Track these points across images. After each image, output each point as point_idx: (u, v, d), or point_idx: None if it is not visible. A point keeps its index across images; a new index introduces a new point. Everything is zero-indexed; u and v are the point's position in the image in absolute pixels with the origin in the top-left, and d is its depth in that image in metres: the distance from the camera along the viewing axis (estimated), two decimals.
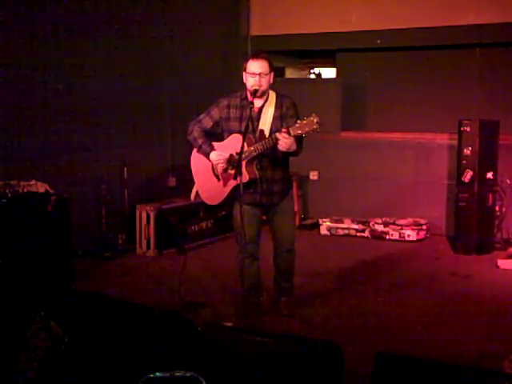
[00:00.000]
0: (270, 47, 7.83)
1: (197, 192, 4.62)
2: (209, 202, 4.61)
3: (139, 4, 6.81)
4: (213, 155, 4.41)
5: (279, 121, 4.34)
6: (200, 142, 4.47)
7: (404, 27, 7.44)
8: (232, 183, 4.34)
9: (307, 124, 4.06)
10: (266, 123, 4.34)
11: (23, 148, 5.68)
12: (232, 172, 4.31)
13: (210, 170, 4.48)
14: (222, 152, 4.39)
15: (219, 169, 4.42)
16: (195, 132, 4.49)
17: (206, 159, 4.48)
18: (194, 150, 4.58)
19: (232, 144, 4.34)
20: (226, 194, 4.43)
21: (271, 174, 4.41)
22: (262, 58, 4.35)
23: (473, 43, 7.34)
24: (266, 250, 4.71)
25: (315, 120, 4.04)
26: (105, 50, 6.37)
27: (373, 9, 7.64)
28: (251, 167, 4.30)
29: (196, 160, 4.59)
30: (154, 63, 6.97)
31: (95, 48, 6.29)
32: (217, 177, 4.46)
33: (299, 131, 4.08)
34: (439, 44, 7.45)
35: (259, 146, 4.22)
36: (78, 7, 6.12)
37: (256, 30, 8.32)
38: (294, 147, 4.18)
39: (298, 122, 4.10)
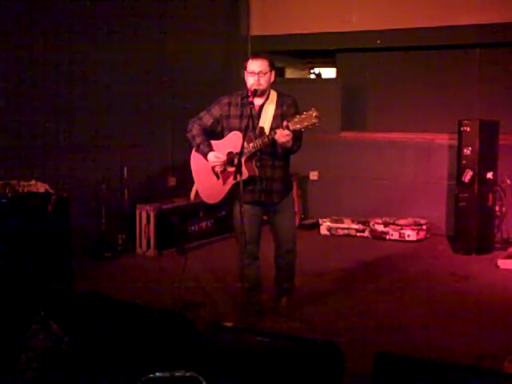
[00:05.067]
0: (270, 47, 7.83)
1: (196, 191, 4.62)
2: (208, 201, 4.60)
3: (139, 4, 6.81)
4: (210, 156, 4.40)
5: (280, 119, 4.34)
6: (198, 141, 4.47)
7: (404, 27, 7.44)
8: (231, 181, 4.34)
9: (306, 118, 4.05)
10: (266, 121, 4.34)
11: (23, 148, 5.68)
12: (231, 170, 4.32)
13: (209, 169, 4.48)
14: (220, 151, 4.39)
15: (217, 169, 4.42)
16: (194, 130, 4.49)
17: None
18: (194, 150, 4.58)
19: (231, 141, 4.34)
20: (225, 193, 4.43)
21: (271, 173, 4.41)
22: (261, 57, 4.36)
23: (473, 43, 7.34)
24: (266, 250, 4.71)
25: (314, 114, 4.03)
26: (105, 50, 6.37)
27: (373, 9, 7.63)
28: (250, 164, 4.29)
29: (195, 159, 4.59)
30: (154, 63, 6.97)
31: (95, 48, 6.28)
32: (216, 175, 4.46)
33: (298, 126, 4.07)
34: (439, 44, 7.44)
35: (258, 142, 4.22)
36: (78, 7, 6.13)
37: (256, 29, 8.32)
38: (291, 142, 4.17)
39: (297, 116, 4.09)
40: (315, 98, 7.46)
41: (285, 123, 4.13)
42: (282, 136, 4.10)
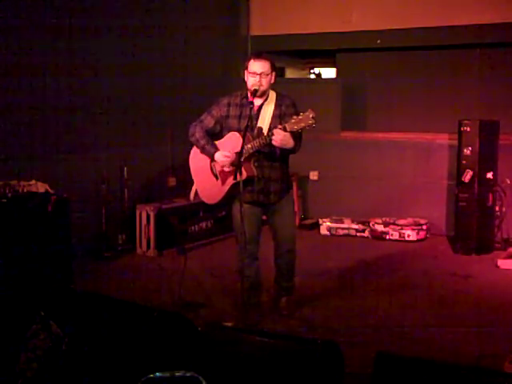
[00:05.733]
0: (270, 47, 7.83)
1: (196, 191, 4.62)
2: (208, 201, 4.61)
3: (139, 4, 6.81)
4: (218, 155, 4.39)
5: (278, 119, 4.35)
6: (203, 142, 4.47)
7: (404, 27, 7.44)
8: (230, 181, 4.35)
9: (303, 119, 4.07)
10: (264, 121, 4.35)
11: (23, 148, 5.68)
12: (230, 170, 4.33)
13: (208, 169, 4.48)
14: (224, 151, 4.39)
15: (219, 168, 4.42)
16: (197, 133, 4.49)
17: (204, 158, 4.48)
18: (192, 150, 4.58)
19: (230, 142, 4.35)
20: (224, 193, 4.44)
21: (269, 173, 4.41)
22: (263, 58, 4.36)
23: (473, 43, 7.34)
24: (266, 250, 4.70)
25: (311, 115, 4.05)
26: (105, 50, 6.37)
27: (373, 9, 7.64)
28: (249, 165, 4.29)
29: (194, 160, 4.60)
30: (154, 63, 6.96)
31: (95, 48, 6.28)
32: (215, 175, 4.46)
33: (295, 127, 4.09)
34: (439, 44, 7.44)
35: (256, 143, 4.23)
36: (78, 8, 6.13)
37: (256, 30, 8.32)
38: (290, 143, 4.18)
39: (294, 117, 4.12)
40: (315, 97, 7.48)
41: (281, 125, 4.14)
42: (278, 138, 4.11)
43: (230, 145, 4.34)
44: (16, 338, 2.69)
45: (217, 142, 4.48)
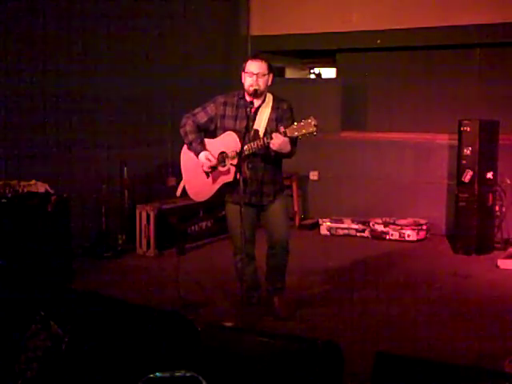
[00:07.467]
0: (270, 47, 7.83)
1: (183, 188, 4.60)
2: (195, 198, 4.60)
3: (139, 4, 6.81)
4: (201, 156, 4.39)
5: (275, 122, 4.35)
6: (191, 138, 4.45)
7: (404, 27, 7.44)
8: (221, 180, 4.35)
9: (304, 126, 4.05)
10: (261, 124, 4.34)
11: (23, 148, 5.68)
12: (222, 169, 4.33)
13: (199, 167, 4.46)
14: (213, 150, 4.38)
15: (205, 169, 4.42)
16: (187, 126, 4.48)
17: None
18: (185, 146, 4.57)
19: (225, 141, 4.34)
20: (214, 191, 4.43)
21: (261, 175, 4.41)
22: (260, 58, 4.37)
23: (473, 43, 7.34)
24: (263, 250, 4.70)
25: (313, 123, 4.04)
26: (105, 50, 6.37)
27: (373, 9, 7.63)
28: (242, 166, 4.28)
29: (186, 155, 4.57)
30: (154, 63, 6.97)
31: (95, 48, 6.29)
32: (206, 174, 4.45)
33: (296, 133, 4.07)
34: (439, 44, 7.44)
35: (253, 145, 4.21)
36: (77, 6, 6.13)
37: (256, 30, 8.32)
38: (287, 148, 4.17)
39: (296, 123, 4.10)
40: (315, 98, 7.48)
41: (282, 129, 4.13)
42: (276, 142, 4.10)
43: (224, 144, 4.33)
44: (16, 338, 2.69)
45: (212, 141, 4.46)
